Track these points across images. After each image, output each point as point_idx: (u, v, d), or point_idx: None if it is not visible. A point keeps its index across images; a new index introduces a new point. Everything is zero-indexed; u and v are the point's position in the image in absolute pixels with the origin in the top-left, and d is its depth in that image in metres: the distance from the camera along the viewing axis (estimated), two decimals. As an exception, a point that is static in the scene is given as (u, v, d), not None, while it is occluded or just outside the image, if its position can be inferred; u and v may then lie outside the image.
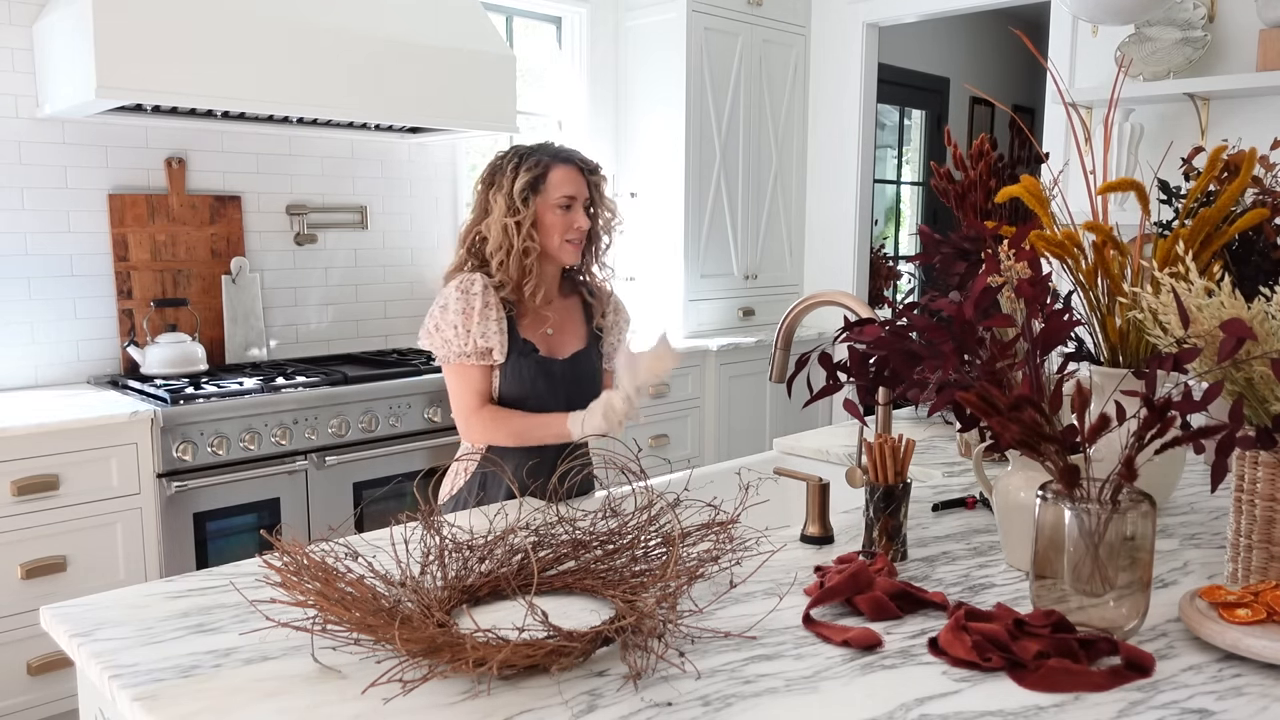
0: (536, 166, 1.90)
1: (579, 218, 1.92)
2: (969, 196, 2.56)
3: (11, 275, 2.95)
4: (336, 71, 2.96)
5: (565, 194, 1.90)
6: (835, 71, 4.56)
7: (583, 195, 1.93)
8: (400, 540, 1.25)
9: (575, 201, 1.91)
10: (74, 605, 1.24)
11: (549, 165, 1.91)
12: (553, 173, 1.90)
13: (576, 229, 1.92)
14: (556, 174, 1.90)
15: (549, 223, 1.91)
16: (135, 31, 2.59)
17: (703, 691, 1.00)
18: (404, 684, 0.97)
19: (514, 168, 1.91)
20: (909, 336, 1.26)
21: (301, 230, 3.51)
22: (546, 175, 1.90)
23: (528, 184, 1.89)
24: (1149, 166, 3.23)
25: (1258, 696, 1.00)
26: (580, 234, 1.93)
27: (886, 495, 1.39)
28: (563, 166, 1.91)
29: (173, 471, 2.70)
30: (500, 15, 4.05)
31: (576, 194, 1.91)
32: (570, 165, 1.92)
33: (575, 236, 1.92)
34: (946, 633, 1.10)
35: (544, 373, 1.93)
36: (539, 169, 1.90)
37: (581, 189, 1.92)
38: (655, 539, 1.22)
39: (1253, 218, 1.42)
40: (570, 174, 1.91)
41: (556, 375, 1.94)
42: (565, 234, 1.91)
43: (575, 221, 1.91)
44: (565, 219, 1.91)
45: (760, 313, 4.58)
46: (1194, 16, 3.35)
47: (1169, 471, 1.59)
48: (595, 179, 1.96)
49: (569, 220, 1.91)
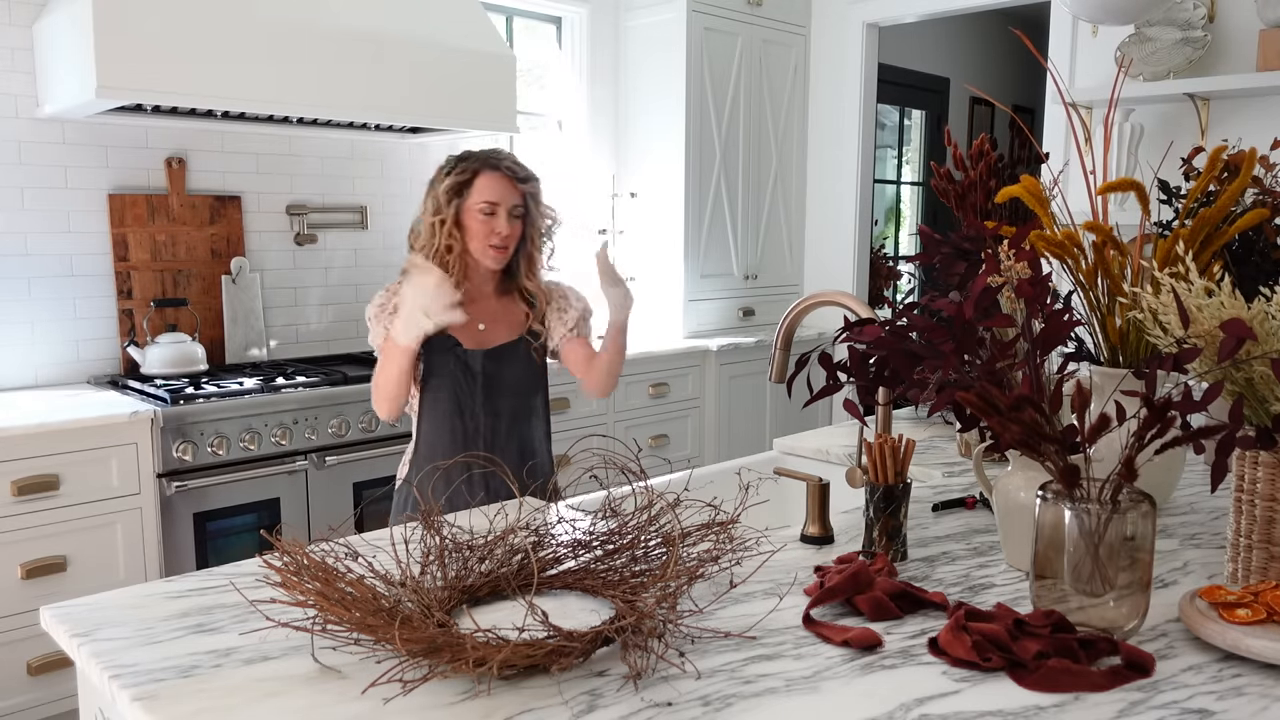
0: (465, 172, 1.96)
1: (500, 224, 1.94)
2: (969, 196, 2.56)
3: (11, 275, 2.95)
4: (336, 71, 2.96)
5: (486, 199, 1.94)
6: (835, 71, 4.56)
7: (508, 202, 1.95)
8: (400, 540, 1.25)
9: (498, 208, 1.95)
10: (74, 605, 1.23)
11: (477, 171, 1.95)
12: (479, 178, 1.95)
13: (497, 234, 1.95)
14: (482, 180, 1.95)
15: (472, 227, 1.96)
16: (135, 31, 2.59)
17: (703, 691, 1.00)
18: (404, 684, 0.97)
19: (447, 171, 1.98)
20: (909, 336, 1.26)
21: (301, 230, 3.51)
22: (473, 180, 1.95)
23: (453, 187, 1.95)
24: (1149, 166, 3.23)
25: (1258, 696, 1.00)
26: (502, 239, 1.96)
27: (886, 495, 1.39)
28: (490, 173, 1.95)
29: (173, 471, 2.70)
30: (500, 15, 4.06)
31: (500, 200, 1.94)
32: (497, 172, 1.95)
33: (497, 241, 1.95)
34: (946, 633, 1.10)
35: (461, 364, 1.98)
36: (466, 174, 1.96)
37: (507, 196, 1.95)
38: (655, 539, 1.22)
39: (1253, 218, 1.42)
40: (496, 180, 1.95)
41: (474, 368, 1.99)
42: (487, 239, 1.95)
43: (495, 227, 1.95)
44: (486, 224, 1.95)
45: (760, 313, 4.58)
46: (1194, 16, 3.35)
47: (1169, 471, 1.59)
48: (526, 187, 1.98)
49: (490, 226, 1.94)
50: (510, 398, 2.01)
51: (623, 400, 3.85)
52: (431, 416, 2.01)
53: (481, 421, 2.00)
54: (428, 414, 2.02)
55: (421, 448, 2.03)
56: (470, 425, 2.00)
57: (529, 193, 1.98)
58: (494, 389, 2.00)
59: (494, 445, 1.99)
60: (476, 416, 2.00)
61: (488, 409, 2.00)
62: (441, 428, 2.00)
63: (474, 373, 1.99)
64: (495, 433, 2.01)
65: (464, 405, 1.99)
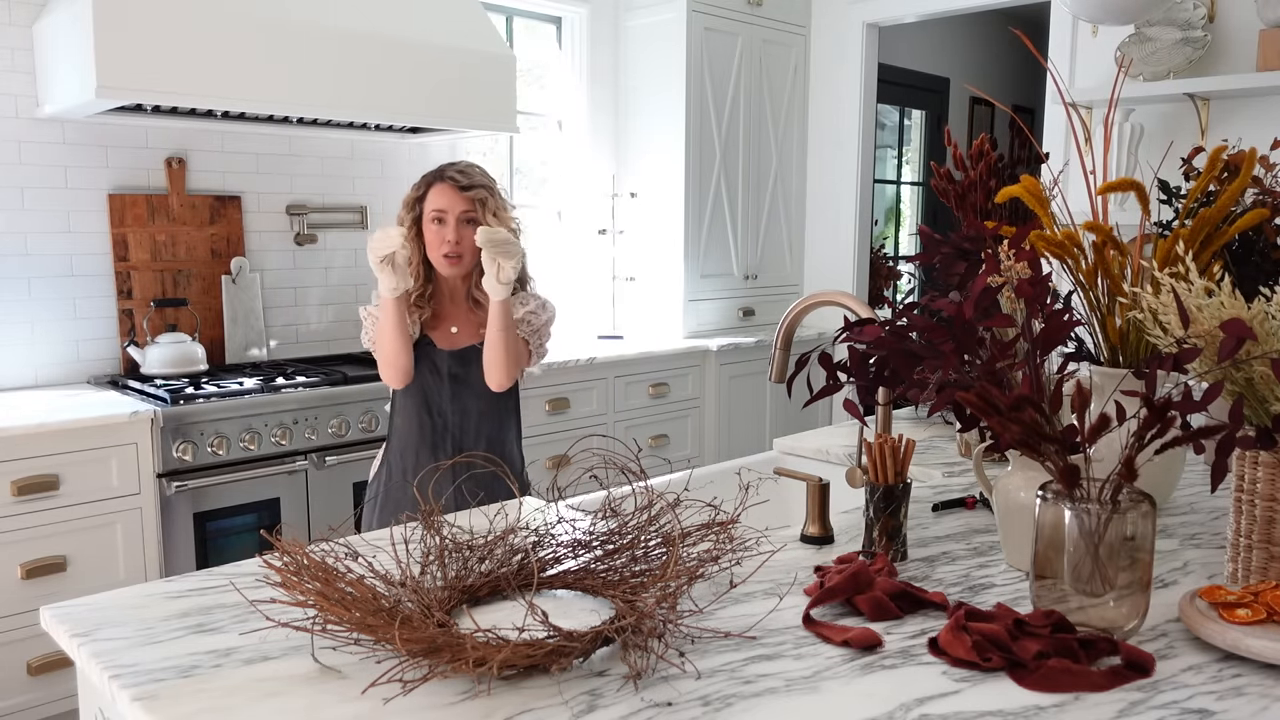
0: (420, 186, 2.06)
1: (448, 231, 2.01)
2: (969, 196, 2.56)
3: (11, 275, 2.95)
4: (337, 71, 2.96)
5: (435, 208, 2.02)
6: (835, 71, 4.56)
7: (455, 209, 2.01)
8: (400, 540, 1.25)
9: (447, 215, 2.01)
10: (74, 605, 1.23)
11: (430, 183, 2.04)
12: (430, 190, 2.03)
13: (447, 242, 2.01)
14: (432, 191, 2.03)
15: (428, 237, 2.04)
16: (135, 31, 2.59)
17: (703, 691, 1.00)
18: (404, 684, 0.97)
19: (414, 185, 2.08)
20: (909, 336, 1.26)
21: (301, 230, 3.51)
22: (426, 193, 2.04)
23: (411, 200, 2.06)
24: (1149, 166, 3.23)
25: (1258, 696, 1.00)
26: (452, 247, 2.01)
27: (886, 495, 1.39)
28: (439, 184, 2.03)
29: (173, 471, 2.70)
30: (500, 15, 4.05)
31: (448, 209, 2.01)
32: (443, 182, 2.02)
33: (448, 250, 2.02)
34: (946, 633, 1.10)
35: (429, 364, 2.08)
36: (422, 188, 2.05)
37: (455, 204, 2.01)
38: (655, 539, 1.22)
39: (1253, 218, 1.42)
40: (443, 191, 2.02)
41: (441, 367, 2.08)
42: (439, 248, 2.02)
43: (445, 235, 2.01)
44: (439, 233, 2.02)
45: (760, 313, 4.58)
46: (1194, 16, 3.35)
47: (1169, 471, 1.59)
48: (471, 194, 2.02)
49: (441, 234, 2.02)
50: (477, 398, 2.09)
51: (623, 400, 3.85)
52: (403, 413, 2.11)
53: (450, 420, 2.09)
54: (399, 410, 2.12)
55: (394, 443, 2.13)
56: (439, 422, 2.09)
57: (476, 199, 2.03)
58: (461, 389, 2.08)
59: (462, 443, 2.08)
60: (445, 414, 2.09)
61: (456, 407, 2.09)
62: (411, 424, 2.09)
63: (441, 372, 2.08)
64: (464, 431, 2.09)
65: (432, 403, 2.08)
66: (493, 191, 2.06)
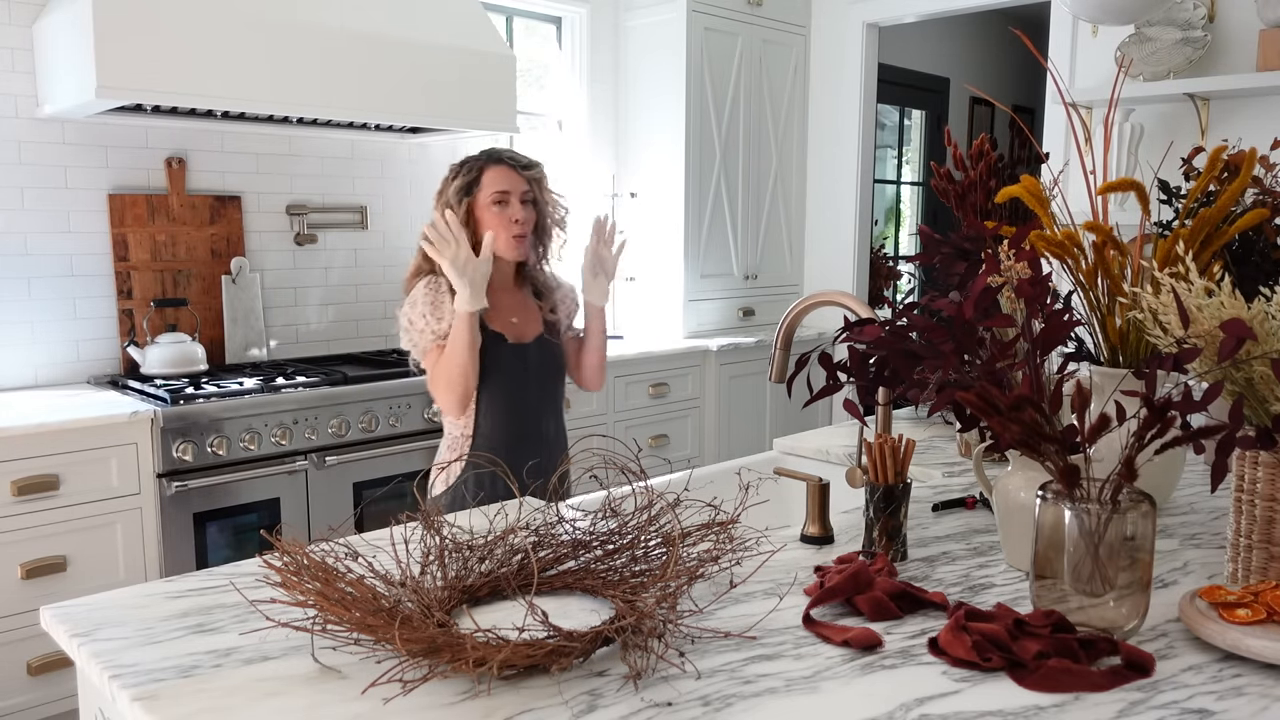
0: (471, 170, 2.04)
1: (514, 211, 2.02)
2: (969, 196, 2.56)
3: (11, 275, 2.95)
4: (337, 71, 2.96)
5: (497, 189, 2.01)
6: (835, 71, 4.56)
7: (517, 189, 2.03)
8: (400, 540, 1.25)
9: (509, 196, 2.02)
10: (74, 605, 1.23)
11: (483, 167, 2.04)
12: (485, 173, 2.03)
13: (514, 222, 2.02)
14: (488, 174, 2.03)
15: (487, 220, 2.02)
16: (135, 31, 2.59)
17: (703, 691, 1.00)
18: (404, 684, 0.97)
19: (453, 175, 2.06)
20: (909, 336, 1.26)
21: (301, 230, 3.51)
22: (480, 177, 2.03)
23: (462, 186, 2.03)
24: (1149, 166, 3.23)
25: (1258, 697, 1.00)
26: (520, 227, 2.03)
27: (886, 495, 1.39)
28: (495, 166, 2.03)
29: (173, 471, 2.70)
30: (500, 15, 4.06)
31: (510, 189, 2.02)
32: (501, 164, 2.04)
33: (516, 230, 2.03)
34: (946, 633, 1.10)
35: (517, 357, 2.07)
36: (473, 172, 2.04)
37: (516, 184, 2.03)
38: (655, 539, 1.22)
39: (1253, 218, 1.42)
40: (502, 172, 2.03)
41: (529, 358, 2.09)
42: (506, 229, 2.02)
43: (511, 215, 2.01)
44: (502, 215, 2.02)
45: (760, 313, 4.58)
46: (1194, 16, 3.35)
47: (1169, 471, 1.59)
48: (530, 174, 2.06)
49: (505, 215, 2.01)
50: (551, 384, 2.14)
51: (623, 400, 3.85)
52: (491, 411, 2.07)
53: (535, 408, 2.11)
54: (486, 408, 2.07)
55: (480, 443, 2.07)
56: (529, 412, 2.10)
57: (533, 178, 2.05)
58: (541, 380, 2.11)
59: (544, 431, 2.10)
60: (530, 407, 2.10)
61: (536, 398, 2.11)
62: (500, 420, 2.07)
63: (526, 364, 2.08)
64: (544, 419, 2.12)
65: (523, 395, 2.09)
66: (544, 171, 2.10)
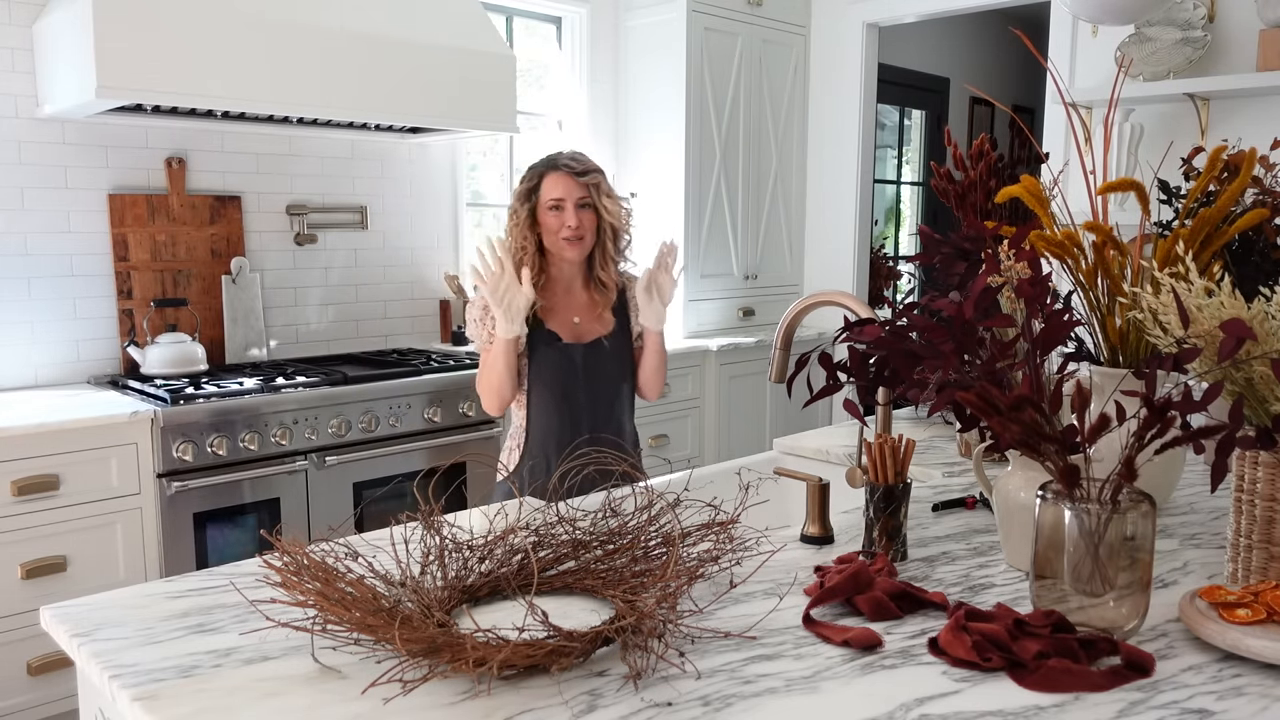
0: (532, 177, 2.16)
1: (568, 216, 2.12)
2: (969, 196, 2.56)
3: (11, 275, 2.95)
4: (336, 71, 2.96)
5: (553, 197, 2.13)
6: (835, 71, 4.56)
7: (573, 196, 2.13)
8: (400, 540, 1.25)
9: (565, 202, 2.12)
10: (74, 605, 1.23)
11: (542, 174, 2.15)
12: (544, 180, 2.14)
13: (567, 227, 2.12)
14: (547, 180, 2.14)
15: (547, 224, 2.14)
16: (135, 31, 2.59)
17: (703, 691, 1.00)
18: (404, 684, 0.97)
19: (522, 179, 2.19)
20: (909, 336, 1.26)
21: (301, 230, 3.51)
22: (540, 183, 2.14)
23: (524, 192, 2.16)
24: (1149, 166, 3.23)
25: (1258, 697, 1.00)
26: (573, 231, 2.13)
27: (886, 495, 1.39)
28: (553, 173, 2.14)
29: (173, 471, 2.70)
30: (500, 15, 4.06)
31: (566, 195, 2.12)
32: (558, 171, 2.14)
33: (568, 234, 2.13)
34: (946, 633, 1.10)
35: (565, 357, 2.16)
36: (534, 179, 2.15)
37: (572, 191, 2.13)
38: (655, 539, 1.22)
39: (1253, 218, 1.42)
40: (560, 179, 2.13)
41: (576, 360, 2.17)
42: (559, 232, 2.13)
43: (565, 220, 2.12)
44: (558, 219, 2.13)
45: (760, 313, 4.58)
46: (1194, 16, 3.35)
47: (1169, 471, 1.59)
48: (587, 180, 2.14)
49: (560, 220, 2.13)
50: (608, 384, 2.21)
51: (623, 400, 3.84)
52: (541, 407, 2.17)
53: (584, 408, 2.18)
54: (537, 404, 2.17)
55: (533, 435, 2.19)
56: (575, 412, 2.17)
57: (590, 184, 2.14)
58: (594, 380, 2.18)
59: (595, 428, 2.17)
60: (581, 405, 2.17)
61: (589, 398, 2.18)
62: (550, 417, 2.17)
63: (576, 366, 2.16)
64: (596, 417, 2.19)
65: (569, 395, 2.16)
66: (604, 176, 2.18)
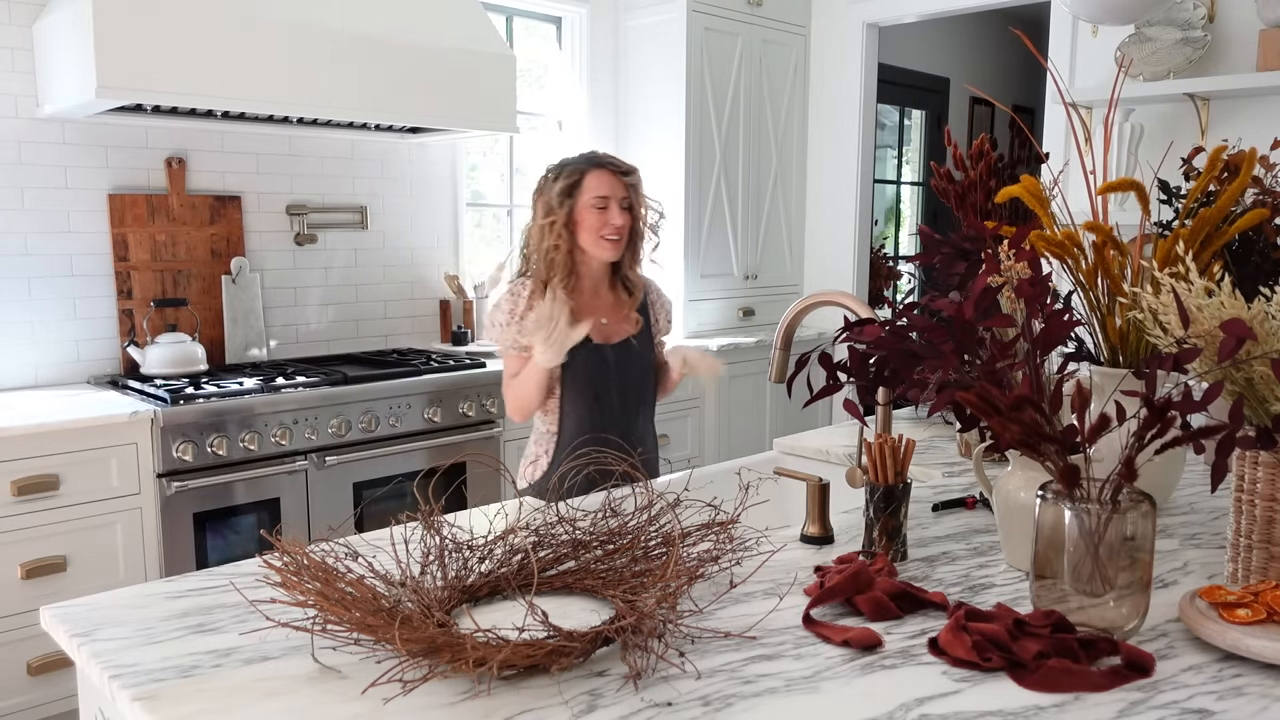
0: (573, 174, 2.13)
1: (614, 215, 2.11)
2: (969, 196, 2.56)
3: (11, 275, 2.95)
4: (337, 71, 2.96)
5: (598, 194, 2.10)
6: (835, 71, 4.55)
7: (617, 195, 2.12)
8: (400, 540, 1.25)
9: (609, 201, 2.11)
10: (74, 605, 1.23)
11: (585, 171, 2.13)
12: (587, 177, 2.12)
13: (611, 225, 2.11)
14: (590, 178, 2.12)
15: (587, 222, 2.12)
16: (135, 31, 2.59)
17: (703, 691, 1.00)
18: (404, 684, 0.97)
19: (555, 176, 2.15)
20: (909, 336, 1.26)
21: (301, 230, 3.51)
22: (582, 180, 2.12)
23: (564, 189, 2.12)
24: (1149, 166, 3.23)
25: (1258, 696, 1.00)
26: (616, 230, 2.12)
27: (886, 495, 1.39)
28: (596, 171, 2.13)
29: (173, 471, 2.70)
30: (500, 15, 4.05)
31: (610, 194, 2.11)
32: (603, 169, 2.13)
33: (610, 233, 2.12)
34: (946, 633, 1.10)
35: (598, 359, 2.15)
36: (575, 175, 2.13)
37: (616, 190, 2.12)
38: (655, 539, 1.22)
39: (1253, 218, 1.42)
40: (604, 177, 2.12)
41: (609, 360, 2.16)
42: (601, 230, 2.11)
43: (610, 219, 2.11)
44: (601, 217, 2.11)
45: (760, 313, 4.58)
46: (1194, 16, 3.35)
47: (1169, 471, 1.59)
48: (630, 180, 2.15)
49: (604, 218, 2.11)
50: (638, 384, 2.22)
51: (623, 400, 3.84)
52: (573, 410, 2.16)
53: (616, 407, 2.18)
54: (569, 404, 2.16)
55: (565, 434, 2.18)
56: (608, 412, 2.17)
57: (631, 184, 2.14)
58: (626, 377, 2.18)
59: (624, 426, 2.16)
60: (613, 404, 2.17)
61: (621, 396, 2.18)
62: (583, 420, 2.16)
63: (609, 365, 2.16)
64: (626, 416, 2.19)
65: (602, 395, 2.16)
66: (640, 177, 2.19)
